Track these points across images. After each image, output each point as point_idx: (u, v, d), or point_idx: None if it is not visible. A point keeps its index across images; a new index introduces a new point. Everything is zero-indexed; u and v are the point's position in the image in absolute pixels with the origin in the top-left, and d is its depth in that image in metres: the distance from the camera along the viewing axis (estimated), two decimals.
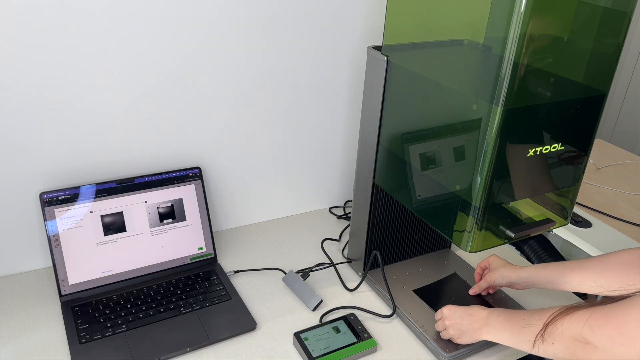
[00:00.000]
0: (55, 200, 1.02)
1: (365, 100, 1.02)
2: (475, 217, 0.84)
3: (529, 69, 0.75)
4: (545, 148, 0.84)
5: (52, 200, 1.01)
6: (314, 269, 1.18)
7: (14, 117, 0.98)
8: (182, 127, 1.14)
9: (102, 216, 1.05)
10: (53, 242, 1.01)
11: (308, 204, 1.41)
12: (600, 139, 1.97)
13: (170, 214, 1.11)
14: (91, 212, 1.04)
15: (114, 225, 1.06)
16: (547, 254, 1.37)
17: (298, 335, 0.97)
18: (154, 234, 1.10)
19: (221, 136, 1.20)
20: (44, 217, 1.01)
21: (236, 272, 1.16)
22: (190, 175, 1.14)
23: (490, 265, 1.08)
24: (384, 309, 1.08)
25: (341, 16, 1.20)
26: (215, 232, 1.26)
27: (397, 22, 0.94)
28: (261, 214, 1.35)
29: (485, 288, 1.08)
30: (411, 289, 1.11)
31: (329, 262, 1.21)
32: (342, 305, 1.07)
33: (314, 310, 1.06)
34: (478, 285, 1.08)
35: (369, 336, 0.98)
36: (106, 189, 1.06)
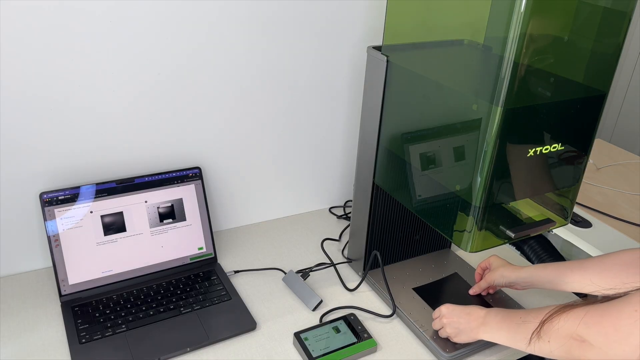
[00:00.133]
0: (55, 200, 1.02)
1: (365, 100, 1.02)
2: (475, 217, 0.84)
3: (529, 69, 0.75)
4: (545, 148, 0.84)
5: (52, 200, 1.01)
6: (314, 269, 1.18)
7: (14, 117, 0.98)
8: (182, 127, 1.14)
9: (102, 216, 1.05)
10: (53, 242, 1.01)
11: (308, 204, 1.41)
12: (600, 139, 1.97)
13: (170, 214, 1.11)
14: (91, 212, 1.04)
15: (114, 225, 1.06)
16: (547, 254, 1.37)
17: (298, 335, 0.97)
18: (154, 234, 1.10)
19: (221, 136, 1.20)
20: (44, 217, 1.01)
21: (236, 272, 1.16)
22: (190, 175, 1.14)
23: (491, 266, 1.08)
24: (384, 309, 1.08)
25: (341, 16, 1.20)
26: (215, 232, 1.26)
27: (397, 22, 0.94)
28: (261, 214, 1.35)
29: (485, 288, 1.08)
30: (411, 289, 1.11)
31: (329, 262, 1.21)
32: (342, 305, 1.07)
33: (314, 310, 1.06)
34: (478, 285, 1.08)
35: (369, 336, 0.98)
36: (106, 189, 1.06)
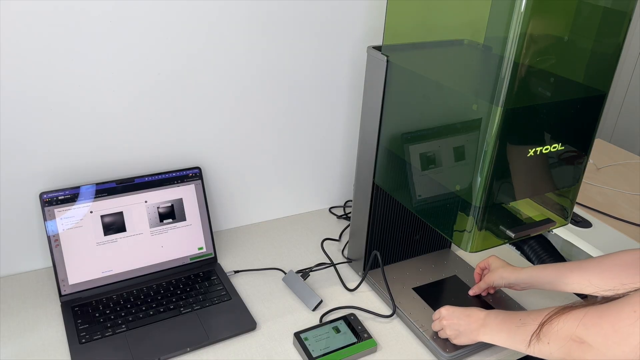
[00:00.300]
0: (55, 200, 1.02)
1: (365, 100, 1.02)
2: (475, 217, 0.84)
3: (529, 69, 0.75)
4: (545, 148, 0.84)
5: (52, 200, 1.01)
6: (314, 269, 1.18)
7: (14, 117, 0.98)
8: (182, 127, 1.14)
9: (102, 216, 1.05)
10: (53, 242, 1.01)
11: (308, 204, 1.41)
12: (600, 139, 1.97)
13: (170, 214, 1.11)
14: (91, 212, 1.04)
15: (114, 225, 1.06)
16: (547, 254, 1.37)
17: (298, 335, 0.97)
18: (154, 234, 1.10)
19: (221, 136, 1.20)
20: (44, 217, 1.01)
21: (236, 272, 1.16)
22: (190, 175, 1.14)
23: (490, 266, 1.08)
24: (384, 309, 1.08)
25: (341, 16, 1.20)
26: (215, 232, 1.26)
27: (397, 22, 0.94)
28: (261, 214, 1.35)
29: (484, 289, 1.08)
30: (411, 289, 1.11)
31: (329, 262, 1.21)
32: (342, 305, 1.07)
33: (314, 310, 1.06)
34: (478, 285, 1.08)
35: (369, 336, 0.98)
36: (106, 189, 1.06)
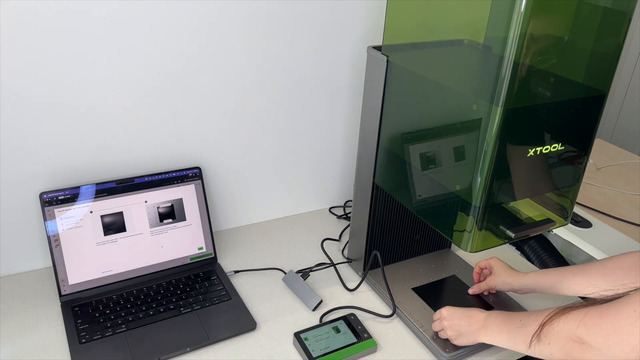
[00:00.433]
0: (55, 200, 1.02)
1: (365, 100, 1.02)
2: (475, 217, 0.84)
3: (529, 69, 0.75)
4: (545, 148, 0.84)
5: (52, 200, 1.01)
6: (314, 269, 1.18)
7: (14, 117, 0.98)
8: (182, 127, 1.14)
9: (102, 216, 1.05)
10: (53, 242, 1.01)
11: (308, 204, 1.41)
12: (600, 139, 1.97)
13: (170, 214, 1.11)
14: (91, 212, 1.04)
15: (113, 225, 1.06)
16: (547, 254, 1.37)
17: (298, 335, 0.97)
18: (154, 234, 1.10)
19: (221, 136, 1.20)
20: (44, 217, 1.01)
21: (236, 272, 1.16)
22: (190, 175, 1.14)
23: (492, 269, 1.07)
24: (384, 309, 1.08)
25: (341, 16, 1.20)
26: (215, 232, 1.26)
27: (397, 22, 0.94)
28: (261, 214, 1.35)
29: (485, 290, 1.08)
30: (411, 289, 1.11)
31: (329, 262, 1.21)
32: (342, 305, 1.07)
33: (314, 310, 1.06)
34: (478, 286, 1.08)
35: (369, 336, 0.98)
36: (106, 189, 1.06)
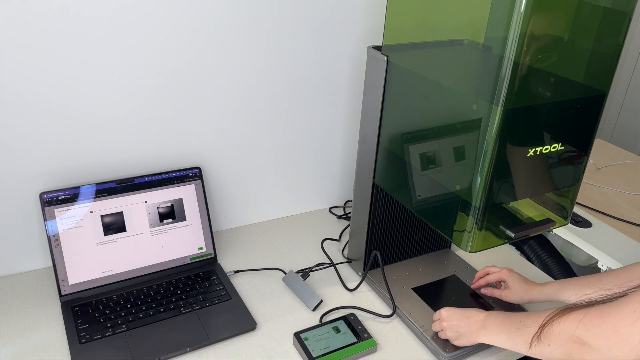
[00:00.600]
0: (55, 200, 1.02)
1: (365, 100, 1.02)
2: (475, 217, 0.84)
3: (529, 69, 0.75)
4: (545, 148, 0.84)
5: (52, 200, 1.01)
6: (314, 269, 1.18)
7: (14, 118, 0.98)
8: (182, 127, 1.14)
9: (102, 216, 1.05)
10: (53, 242, 1.01)
11: (308, 204, 1.41)
12: (600, 139, 1.97)
13: (170, 214, 1.11)
14: (91, 212, 1.04)
15: (114, 225, 1.06)
16: (547, 254, 1.37)
17: (298, 335, 0.97)
18: (154, 234, 1.10)
19: (221, 136, 1.20)
20: (44, 217, 1.01)
21: (236, 272, 1.16)
22: (190, 175, 1.14)
23: (507, 283, 1.05)
24: (384, 309, 1.08)
25: (341, 16, 1.20)
26: (215, 232, 1.26)
27: (397, 22, 0.94)
28: (261, 214, 1.35)
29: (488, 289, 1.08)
30: (411, 289, 1.11)
31: (329, 262, 1.21)
32: (342, 305, 1.07)
33: (314, 310, 1.06)
34: (491, 292, 1.08)
35: (369, 336, 0.98)
36: (106, 189, 1.06)
